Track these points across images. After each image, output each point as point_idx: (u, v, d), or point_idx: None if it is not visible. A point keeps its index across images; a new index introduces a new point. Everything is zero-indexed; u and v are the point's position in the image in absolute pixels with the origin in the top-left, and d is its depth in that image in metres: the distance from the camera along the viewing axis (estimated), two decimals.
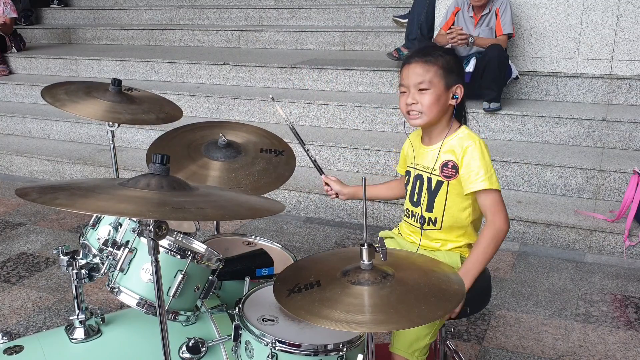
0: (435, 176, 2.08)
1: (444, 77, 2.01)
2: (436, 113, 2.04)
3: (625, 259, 3.68)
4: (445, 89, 2.02)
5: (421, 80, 2.01)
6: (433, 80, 2.00)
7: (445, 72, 2.01)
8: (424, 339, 2.05)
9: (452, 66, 2.02)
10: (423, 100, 2.02)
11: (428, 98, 2.01)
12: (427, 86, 2.01)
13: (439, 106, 2.03)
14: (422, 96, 2.02)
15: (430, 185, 2.09)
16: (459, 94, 2.03)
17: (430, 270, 1.70)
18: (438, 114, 2.05)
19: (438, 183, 2.07)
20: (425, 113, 2.04)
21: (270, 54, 6.48)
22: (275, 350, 1.68)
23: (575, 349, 2.87)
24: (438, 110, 2.04)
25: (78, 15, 8.78)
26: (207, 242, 2.30)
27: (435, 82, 2.01)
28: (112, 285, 1.83)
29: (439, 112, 2.04)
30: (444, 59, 2.01)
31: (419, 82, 2.01)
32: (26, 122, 6.04)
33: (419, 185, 2.13)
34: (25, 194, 1.43)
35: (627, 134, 4.35)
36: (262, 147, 2.52)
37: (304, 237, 4.11)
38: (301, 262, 1.83)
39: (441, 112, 2.05)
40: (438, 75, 2.01)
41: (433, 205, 2.10)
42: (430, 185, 2.09)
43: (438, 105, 2.03)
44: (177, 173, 2.20)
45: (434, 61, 2.01)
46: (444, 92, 2.02)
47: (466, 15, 4.75)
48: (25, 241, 4.13)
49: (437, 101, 2.02)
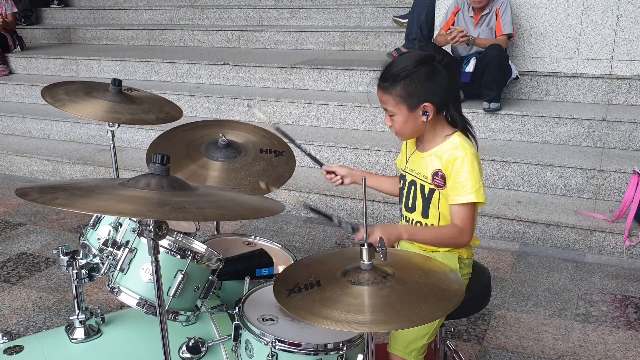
0: (428, 184, 2.07)
1: (404, 103, 1.98)
2: (411, 131, 2.05)
3: (625, 259, 3.68)
4: (409, 111, 1.99)
5: (385, 107, 2.04)
6: (394, 108, 2.01)
7: (403, 99, 1.98)
8: (422, 339, 2.06)
9: (412, 90, 1.96)
10: (394, 124, 2.04)
11: (397, 122, 2.03)
12: (392, 112, 2.02)
13: (409, 127, 2.03)
14: (393, 120, 2.04)
15: (424, 192, 2.08)
16: (429, 111, 1.98)
17: (430, 270, 1.70)
18: (413, 132, 2.05)
19: (431, 190, 2.07)
20: (400, 133, 2.08)
21: (270, 54, 6.48)
22: (275, 349, 1.69)
23: (575, 349, 2.87)
24: (412, 129, 2.04)
25: (78, 15, 8.78)
26: (207, 242, 2.30)
27: (397, 109, 2.00)
28: (112, 285, 1.83)
29: (414, 130, 2.04)
30: (402, 84, 1.97)
31: (385, 109, 2.05)
32: (26, 122, 6.04)
33: (414, 191, 2.12)
34: (25, 194, 1.44)
35: (627, 134, 4.35)
36: (262, 147, 2.51)
37: (304, 237, 4.11)
38: (301, 262, 1.83)
39: (416, 130, 2.04)
40: (397, 102, 1.99)
41: (428, 212, 2.09)
42: (424, 192, 2.08)
43: (408, 126, 2.03)
44: (177, 173, 2.20)
45: (391, 89, 1.99)
46: (408, 115, 2.00)
47: (466, 15, 4.75)
48: (25, 241, 4.13)
49: (406, 123, 2.02)
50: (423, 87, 1.97)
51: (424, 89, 1.97)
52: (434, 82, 1.98)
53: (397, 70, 1.98)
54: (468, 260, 2.16)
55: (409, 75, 1.97)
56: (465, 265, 2.15)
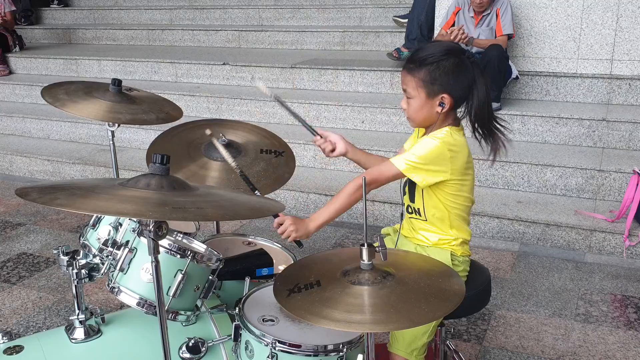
0: None
1: (425, 88, 1.99)
2: (422, 119, 2.06)
3: (625, 259, 3.68)
4: (428, 98, 2.00)
5: (405, 89, 2.05)
6: (414, 90, 2.01)
7: (424, 84, 1.98)
8: (422, 337, 2.06)
9: (436, 76, 1.97)
10: (409, 107, 2.05)
11: (412, 106, 2.04)
12: (410, 95, 2.03)
13: (423, 114, 2.03)
14: (409, 103, 2.05)
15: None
16: (446, 102, 1.99)
17: (430, 270, 1.70)
18: (425, 120, 2.06)
19: None
20: (411, 119, 2.08)
21: (270, 54, 6.48)
22: (276, 350, 1.68)
23: (575, 349, 2.87)
24: (424, 117, 2.04)
25: (78, 15, 8.77)
26: (207, 242, 2.30)
27: (416, 93, 2.01)
28: (112, 285, 1.83)
29: (426, 118, 2.05)
30: (427, 69, 1.97)
31: (404, 90, 2.05)
32: (26, 122, 6.04)
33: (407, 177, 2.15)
34: (25, 194, 1.43)
35: (627, 134, 4.35)
36: (262, 147, 2.51)
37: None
38: (301, 262, 1.83)
39: (428, 118, 2.05)
40: (418, 87, 1.99)
41: (414, 195, 2.12)
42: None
43: (422, 113, 2.03)
44: (177, 173, 2.20)
45: (416, 72, 1.99)
46: (425, 101, 2.01)
47: (467, 15, 4.75)
48: (25, 241, 4.13)
49: (421, 109, 2.02)
50: (447, 77, 1.98)
51: (447, 79, 1.98)
52: (458, 75, 1.99)
53: (426, 55, 1.99)
54: (463, 258, 2.16)
55: (436, 62, 1.97)
56: (459, 262, 2.15)
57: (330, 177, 4.60)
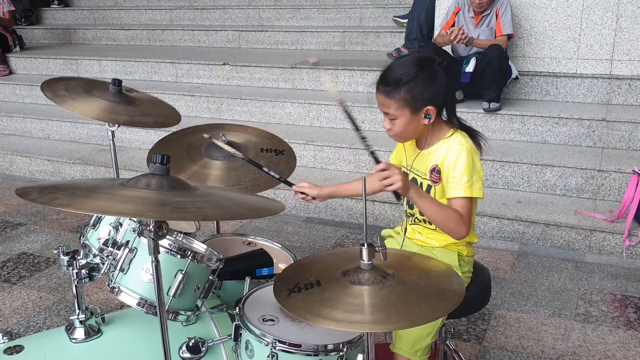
0: (426, 180, 2.08)
1: (408, 107, 1.97)
2: (412, 133, 2.04)
3: (625, 258, 3.68)
4: (412, 115, 1.98)
5: (386, 112, 2.02)
6: (397, 111, 1.98)
7: (406, 103, 1.96)
8: (426, 338, 2.06)
9: (416, 93, 1.95)
10: (394, 127, 2.03)
11: (398, 125, 2.01)
12: (394, 116, 2.00)
13: (411, 130, 2.02)
14: (392, 123, 2.02)
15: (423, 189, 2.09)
16: (432, 113, 1.98)
17: (430, 270, 1.70)
18: (415, 133, 2.05)
19: (428, 187, 2.08)
20: (399, 136, 2.06)
21: (270, 54, 6.48)
22: (276, 350, 1.69)
23: (575, 348, 2.87)
24: (412, 131, 2.03)
25: (78, 15, 8.77)
26: (207, 242, 2.30)
27: (400, 113, 1.98)
28: (112, 285, 1.83)
29: (415, 133, 2.04)
30: (405, 89, 1.95)
31: (385, 113, 2.02)
32: (26, 122, 6.04)
33: None
34: (25, 194, 1.44)
35: (626, 134, 4.35)
36: (263, 146, 2.52)
37: (304, 237, 4.11)
38: (301, 262, 1.83)
39: (417, 132, 2.04)
40: (400, 106, 1.97)
41: None
42: (423, 188, 2.09)
43: (410, 129, 2.01)
44: (177, 174, 2.20)
45: (394, 93, 1.96)
46: (411, 118, 1.99)
47: (467, 15, 4.75)
48: (26, 241, 4.13)
49: (408, 126, 2.00)
50: (426, 91, 1.96)
51: (427, 93, 1.96)
52: (436, 85, 1.98)
53: (400, 75, 1.97)
54: (468, 258, 2.17)
55: (412, 80, 1.95)
56: (465, 262, 2.15)
57: (331, 177, 4.61)
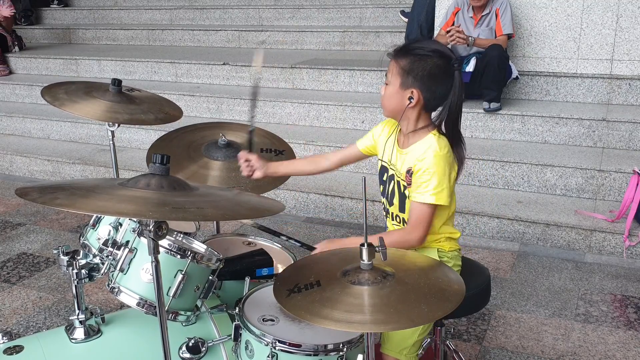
0: (402, 181, 2.07)
1: (400, 77, 1.99)
2: (392, 109, 2.06)
3: (625, 259, 3.68)
4: (400, 88, 2.00)
5: (387, 74, 2.06)
6: (392, 77, 2.02)
7: (402, 72, 1.99)
8: (411, 336, 2.05)
9: (414, 68, 1.97)
10: (384, 93, 2.07)
11: (386, 92, 2.05)
12: (388, 80, 2.04)
13: (393, 103, 2.03)
14: (385, 89, 2.07)
15: (400, 188, 2.08)
16: (414, 98, 1.98)
17: (430, 270, 1.70)
18: (394, 110, 2.05)
19: (404, 187, 2.07)
20: (383, 105, 2.09)
21: (270, 54, 6.48)
22: (276, 350, 1.68)
23: (575, 349, 2.87)
24: (393, 106, 2.04)
25: (78, 15, 8.77)
26: (207, 242, 2.30)
27: (393, 80, 2.02)
28: (112, 285, 1.83)
29: (395, 109, 2.04)
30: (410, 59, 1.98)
31: (386, 75, 2.07)
32: (26, 122, 6.04)
33: (392, 185, 2.12)
34: (25, 194, 1.43)
35: (627, 134, 4.35)
36: (263, 146, 2.52)
37: (304, 237, 4.10)
38: (301, 262, 1.83)
39: (397, 110, 2.03)
40: (396, 73, 2.01)
41: (405, 207, 2.09)
42: (400, 188, 2.08)
43: (392, 101, 2.03)
44: (177, 174, 2.20)
45: (400, 59, 2.00)
46: (397, 90, 2.01)
47: (466, 15, 4.75)
48: (25, 241, 4.13)
49: (392, 97, 2.03)
50: (423, 74, 1.97)
51: (423, 76, 1.97)
52: (436, 78, 1.97)
53: (416, 46, 2.01)
54: (452, 253, 2.15)
55: (420, 55, 1.98)
56: (449, 258, 2.13)
57: (331, 177, 4.60)
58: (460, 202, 4.02)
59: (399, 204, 2.11)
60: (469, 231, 4.02)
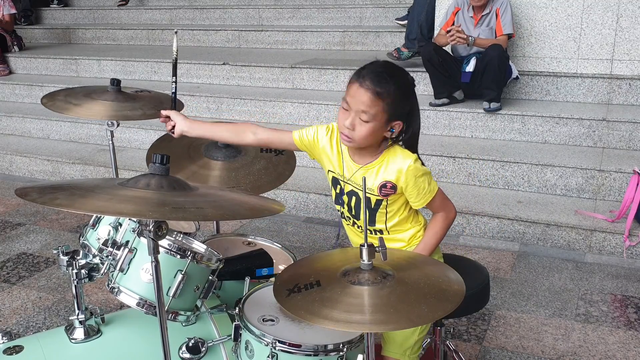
0: (374, 196, 2.01)
1: (388, 114, 1.88)
2: (369, 142, 1.94)
3: (625, 259, 3.68)
4: (386, 123, 1.90)
5: (365, 110, 1.87)
6: (377, 115, 1.87)
7: (391, 110, 1.88)
8: (412, 336, 2.04)
9: (399, 105, 1.89)
10: (360, 130, 1.89)
11: (365, 130, 1.89)
12: (368, 119, 1.87)
13: (372, 138, 1.93)
14: (360, 126, 1.89)
15: (370, 204, 2.02)
16: (396, 129, 1.94)
17: (430, 270, 1.70)
18: (371, 143, 1.95)
19: (377, 201, 2.02)
20: (356, 142, 1.93)
21: (270, 54, 6.48)
22: (276, 350, 1.68)
23: (575, 349, 2.87)
24: (371, 141, 1.94)
25: (78, 15, 8.77)
26: (207, 242, 2.30)
27: (378, 118, 1.87)
28: (112, 285, 1.83)
29: (372, 142, 1.95)
30: (395, 94, 1.87)
31: (362, 111, 1.87)
32: (26, 122, 6.04)
33: (356, 201, 2.05)
34: (25, 194, 1.43)
35: (627, 134, 4.35)
36: (262, 147, 2.51)
37: (304, 237, 4.10)
38: (301, 262, 1.83)
39: (374, 142, 1.95)
40: (383, 111, 1.87)
41: (375, 219, 2.06)
42: (370, 203, 2.02)
43: (372, 137, 1.92)
44: (177, 173, 2.19)
45: (386, 95, 1.86)
46: (382, 126, 1.90)
47: (466, 15, 4.74)
48: (25, 241, 4.13)
49: (373, 134, 1.90)
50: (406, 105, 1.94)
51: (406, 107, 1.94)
52: (411, 102, 1.96)
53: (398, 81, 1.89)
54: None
55: (403, 90, 1.91)
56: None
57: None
58: (460, 202, 4.02)
59: (368, 218, 2.05)
60: (469, 231, 4.02)
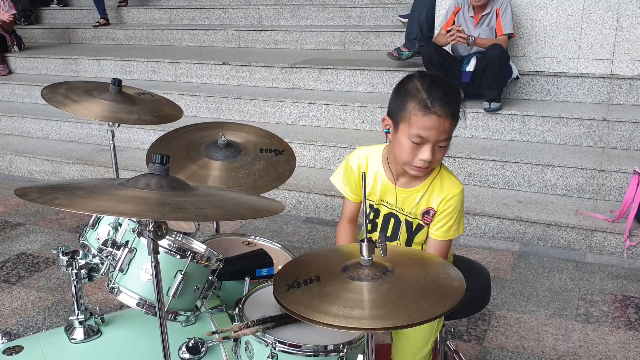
0: (417, 220, 2.00)
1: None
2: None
3: (625, 259, 3.68)
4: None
5: (447, 137, 1.78)
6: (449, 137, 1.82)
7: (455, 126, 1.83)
8: (426, 345, 2.04)
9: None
10: (438, 156, 1.82)
11: (444, 152, 1.82)
12: (447, 141, 1.80)
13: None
14: (438, 151, 1.81)
15: (411, 227, 2.02)
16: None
17: (430, 266, 1.69)
18: None
19: (419, 226, 2.01)
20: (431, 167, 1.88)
21: (270, 54, 6.47)
22: (276, 350, 1.68)
23: (575, 349, 2.87)
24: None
25: (78, 15, 8.77)
26: (207, 242, 2.29)
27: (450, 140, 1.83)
28: (111, 285, 1.83)
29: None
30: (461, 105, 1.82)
31: (443, 139, 1.78)
32: (26, 122, 6.04)
33: (394, 224, 2.03)
34: (24, 194, 1.43)
35: (627, 134, 4.35)
36: (262, 146, 2.51)
37: (304, 237, 4.10)
38: (301, 258, 1.82)
39: None
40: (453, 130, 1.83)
41: (412, 243, 2.05)
42: (411, 227, 2.01)
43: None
44: (177, 173, 2.19)
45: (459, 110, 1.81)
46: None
47: (466, 15, 4.74)
48: (25, 241, 4.12)
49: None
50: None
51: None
52: None
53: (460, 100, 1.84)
54: None
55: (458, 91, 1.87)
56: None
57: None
58: None
59: (406, 241, 2.05)
60: (469, 231, 4.02)
